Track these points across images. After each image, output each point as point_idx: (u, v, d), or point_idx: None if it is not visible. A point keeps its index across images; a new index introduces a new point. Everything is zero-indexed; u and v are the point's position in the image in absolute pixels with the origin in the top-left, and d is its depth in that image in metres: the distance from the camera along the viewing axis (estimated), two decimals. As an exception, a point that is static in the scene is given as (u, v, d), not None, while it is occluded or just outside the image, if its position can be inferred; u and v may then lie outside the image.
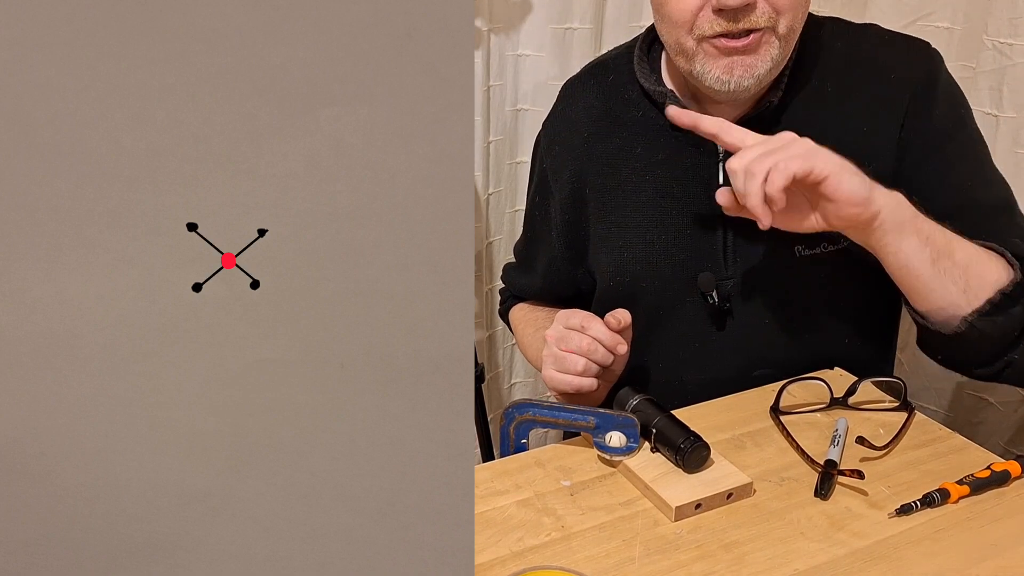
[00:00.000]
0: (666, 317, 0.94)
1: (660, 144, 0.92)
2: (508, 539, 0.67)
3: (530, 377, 1.80)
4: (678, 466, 0.72)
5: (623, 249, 0.94)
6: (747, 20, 0.78)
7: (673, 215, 0.92)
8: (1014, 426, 1.31)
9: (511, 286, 1.17)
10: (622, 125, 0.95)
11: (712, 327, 0.92)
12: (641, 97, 0.94)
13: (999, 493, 0.72)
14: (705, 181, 0.90)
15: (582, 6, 1.45)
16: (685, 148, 0.91)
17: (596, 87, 0.98)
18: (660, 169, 0.92)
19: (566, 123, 1.00)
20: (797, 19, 0.80)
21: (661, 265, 0.92)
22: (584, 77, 1.02)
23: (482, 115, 1.48)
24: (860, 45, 0.90)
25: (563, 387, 0.85)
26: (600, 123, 0.96)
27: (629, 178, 0.94)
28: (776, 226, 0.77)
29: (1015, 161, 1.20)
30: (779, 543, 0.66)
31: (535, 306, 1.13)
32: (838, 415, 0.83)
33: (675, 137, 0.91)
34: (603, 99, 0.97)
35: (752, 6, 0.78)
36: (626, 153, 0.94)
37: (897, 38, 0.91)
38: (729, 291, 0.90)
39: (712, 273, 0.90)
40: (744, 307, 0.91)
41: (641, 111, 0.94)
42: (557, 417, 0.77)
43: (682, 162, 0.91)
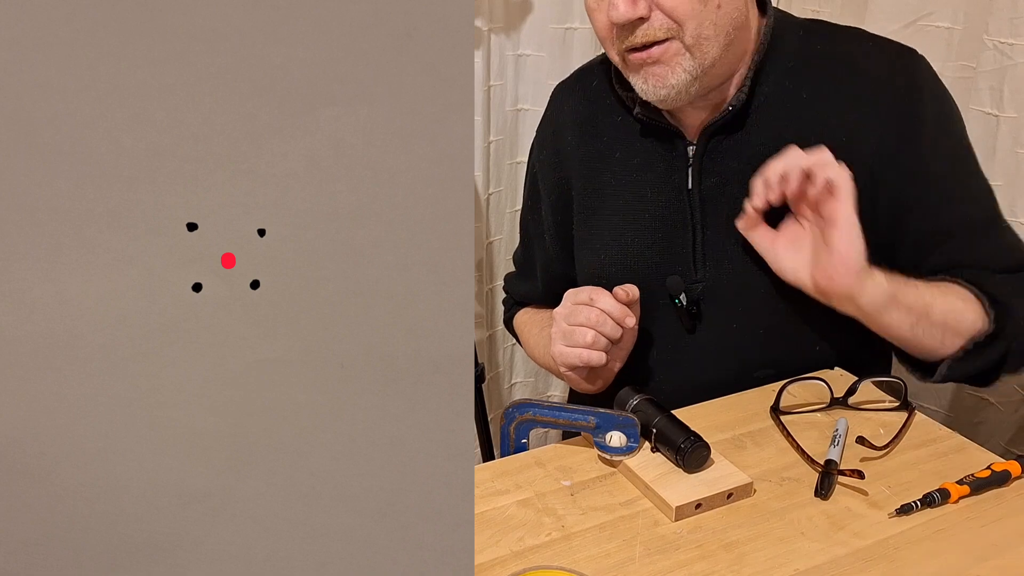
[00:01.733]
0: (642, 320, 0.94)
1: (636, 148, 0.93)
2: (508, 539, 0.67)
3: (530, 377, 1.80)
4: (678, 466, 0.72)
5: (600, 251, 0.96)
6: (643, 32, 0.79)
7: (646, 218, 0.92)
8: (1014, 426, 1.31)
9: (513, 294, 1.17)
10: (603, 129, 0.96)
11: (682, 330, 0.92)
12: (618, 102, 0.95)
13: (999, 493, 0.72)
14: (677, 185, 0.90)
15: (582, 6, 1.45)
16: (659, 152, 0.92)
17: (581, 92, 1.00)
18: (636, 173, 0.93)
19: (554, 127, 1.02)
20: (704, 26, 0.79)
21: (635, 267, 0.93)
22: (571, 82, 1.04)
23: (482, 115, 1.48)
24: (839, 46, 0.89)
25: (573, 360, 0.85)
26: (584, 127, 0.98)
27: (608, 182, 0.95)
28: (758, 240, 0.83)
29: (1015, 161, 1.20)
30: (779, 543, 0.66)
31: (539, 308, 1.13)
32: (838, 415, 0.83)
33: (649, 142, 0.92)
34: (587, 104, 0.98)
35: (645, 19, 0.79)
36: (607, 157, 0.95)
37: (880, 41, 0.90)
38: (699, 294, 0.90)
39: (681, 276, 0.90)
40: (714, 311, 0.91)
41: (620, 116, 0.95)
42: (557, 417, 0.77)
43: (656, 166, 0.92)
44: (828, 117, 0.86)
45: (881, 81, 0.86)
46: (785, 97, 0.88)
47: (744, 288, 0.89)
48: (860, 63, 0.88)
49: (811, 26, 0.91)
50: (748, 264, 0.88)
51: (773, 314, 0.89)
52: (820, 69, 0.88)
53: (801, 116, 0.87)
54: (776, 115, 0.88)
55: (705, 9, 0.79)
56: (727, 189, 0.88)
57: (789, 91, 0.88)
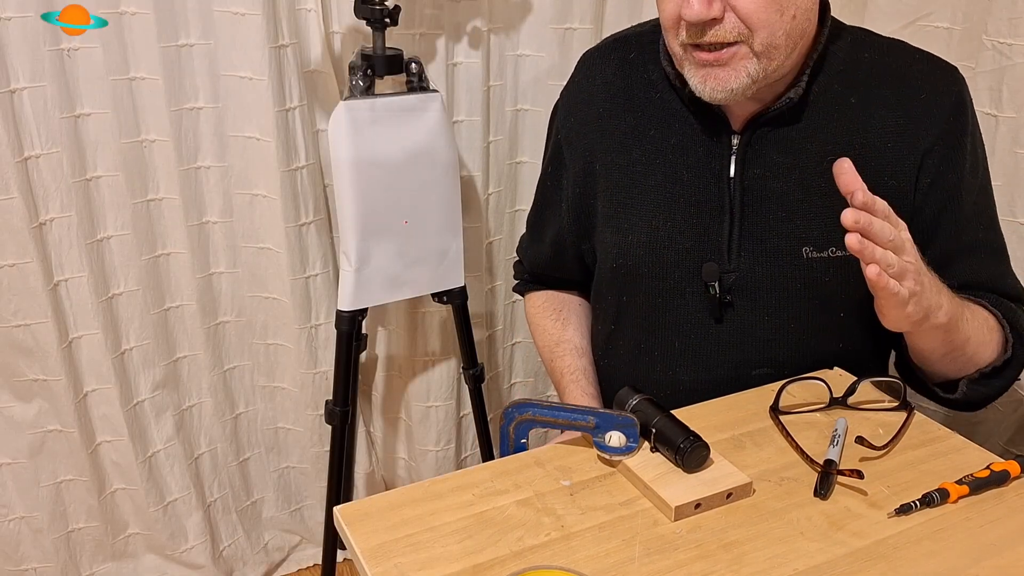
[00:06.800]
0: (665, 305, 0.94)
1: (674, 129, 0.92)
2: (508, 539, 0.67)
3: (530, 377, 1.80)
4: (678, 466, 0.72)
5: (628, 232, 0.94)
6: (713, 34, 0.79)
7: (681, 202, 0.91)
8: (1013, 426, 1.31)
9: (523, 256, 1.17)
10: (638, 105, 0.95)
11: (710, 319, 0.92)
12: (661, 79, 0.93)
13: (998, 493, 0.72)
14: (716, 172, 0.90)
15: (582, 6, 1.45)
16: (699, 136, 0.91)
17: (617, 63, 0.98)
18: (672, 154, 0.92)
19: (583, 95, 1.00)
20: (776, 36, 0.79)
21: (665, 252, 0.92)
22: (605, 50, 1.01)
23: (482, 115, 1.48)
24: (889, 59, 0.90)
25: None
26: (617, 100, 0.96)
27: (640, 160, 0.94)
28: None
29: (1015, 161, 1.20)
30: (779, 543, 0.66)
31: (551, 297, 1.13)
32: (838, 415, 0.83)
33: (690, 124, 0.91)
34: (622, 76, 0.97)
35: (718, 20, 0.78)
36: (639, 134, 0.94)
37: (926, 55, 0.91)
38: (731, 284, 0.90)
39: (716, 264, 0.90)
40: (744, 301, 0.91)
41: (659, 93, 0.93)
42: (556, 417, 0.77)
43: (695, 150, 0.91)
44: (875, 123, 0.88)
45: (930, 96, 0.88)
46: (834, 99, 0.89)
47: (779, 284, 0.89)
48: (908, 76, 0.89)
49: (858, 34, 0.92)
50: (785, 260, 0.88)
51: (804, 311, 0.90)
52: (869, 77, 0.89)
53: (849, 119, 0.88)
54: (825, 115, 0.88)
55: (780, 20, 0.79)
56: (770, 182, 0.89)
57: (839, 94, 0.89)
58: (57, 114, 1.24)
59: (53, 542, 1.48)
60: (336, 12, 1.36)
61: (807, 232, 0.88)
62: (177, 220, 1.39)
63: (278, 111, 1.32)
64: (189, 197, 1.38)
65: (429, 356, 1.64)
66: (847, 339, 0.93)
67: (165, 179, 1.36)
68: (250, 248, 1.46)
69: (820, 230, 0.88)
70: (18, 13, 1.17)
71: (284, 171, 1.36)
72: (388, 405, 1.71)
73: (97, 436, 1.46)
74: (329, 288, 1.51)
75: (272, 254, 1.45)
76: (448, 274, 1.38)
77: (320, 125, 1.42)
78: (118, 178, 1.32)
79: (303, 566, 1.75)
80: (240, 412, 1.60)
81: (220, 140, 1.37)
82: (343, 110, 1.21)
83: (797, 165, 0.88)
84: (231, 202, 1.42)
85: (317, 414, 1.58)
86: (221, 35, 1.29)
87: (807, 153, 0.88)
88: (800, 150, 0.88)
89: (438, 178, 1.31)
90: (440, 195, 1.32)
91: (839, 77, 0.89)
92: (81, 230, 1.31)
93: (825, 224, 0.87)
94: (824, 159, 0.87)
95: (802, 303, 0.90)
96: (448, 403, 1.67)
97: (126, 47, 1.26)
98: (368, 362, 1.66)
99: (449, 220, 1.35)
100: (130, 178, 1.33)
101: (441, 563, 0.64)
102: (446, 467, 1.73)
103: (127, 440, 1.45)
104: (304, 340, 1.51)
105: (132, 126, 1.31)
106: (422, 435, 1.69)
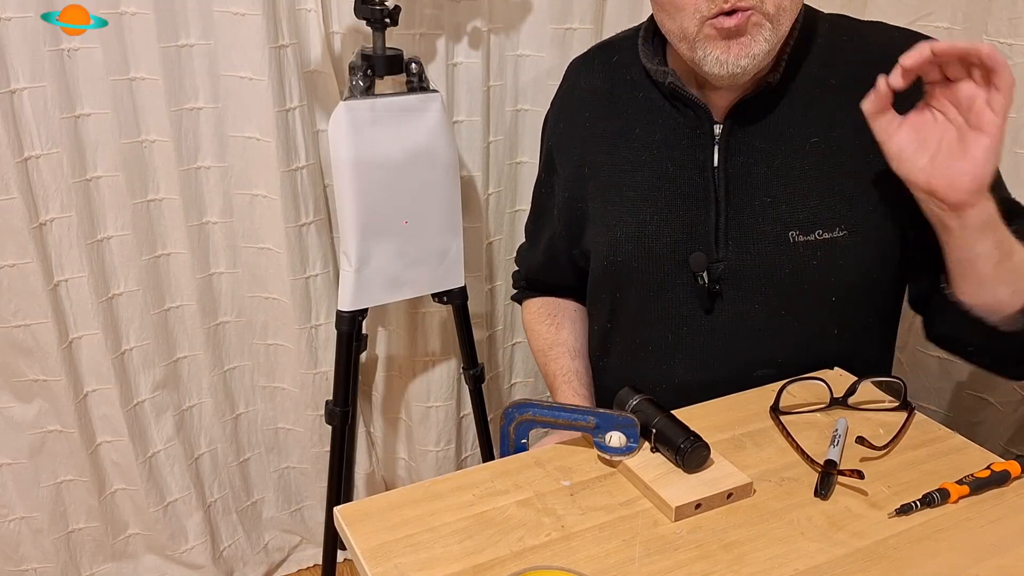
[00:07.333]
0: (657, 299, 0.94)
1: (658, 124, 0.93)
2: (508, 539, 0.67)
3: (530, 377, 1.80)
4: (678, 466, 0.72)
5: (617, 227, 0.95)
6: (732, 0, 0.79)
7: (667, 195, 0.92)
8: (1014, 426, 1.31)
9: (521, 264, 1.19)
10: (623, 106, 0.96)
11: (700, 310, 0.92)
12: (643, 78, 0.95)
13: (999, 493, 0.72)
14: (700, 162, 0.91)
15: (582, 6, 1.45)
16: (682, 129, 0.92)
17: (601, 67, 1.00)
18: (657, 149, 0.93)
19: (571, 102, 1.02)
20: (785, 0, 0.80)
21: (653, 244, 0.93)
22: (590, 57, 1.04)
23: (482, 115, 1.48)
24: (869, 40, 0.91)
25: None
26: (602, 103, 0.98)
27: (627, 158, 0.95)
28: (880, 126, 0.78)
29: (1015, 161, 1.20)
30: (779, 543, 0.66)
31: (545, 302, 1.14)
32: (838, 415, 0.83)
33: (671, 119, 0.92)
34: (607, 79, 0.99)
35: None
36: (626, 133, 0.95)
37: (905, 34, 0.91)
38: (720, 274, 0.90)
39: (704, 254, 0.90)
40: (733, 291, 0.91)
41: (642, 92, 0.95)
42: (557, 417, 0.77)
43: (679, 143, 0.92)
44: (855, 106, 0.86)
45: None
46: (814, 83, 0.89)
47: (767, 270, 0.89)
48: (888, 53, 0.87)
49: (836, 19, 0.93)
50: (772, 246, 0.88)
51: (795, 297, 0.90)
52: (849, 58, 0.89)
53: (830, 101, 0.88)
54: (806, 99, 0.89)
55: None
56: (754, 168, 0.89)
57: (818, 77, 0.89)
58: (57, 114, 1.24)
59: (53, 542, 1.48)
60: (336, 12, 1.36)
61: (792, 216, 0.88)
62: (177, 220, 1.39)
63: (278, 111, 1.32)
64: (189, 197, 1.38)
65: (429, 356, 1.64)
66: (843, 328, 0.92)
67: (165, 179, 1.36)
68: (250, 248, 1.46)
69: (805, 213, 0.88)
70: (18, 13, 1.17)
71: (284, 171, 1.37)
72: (388, 405, 1.71)
73: (97, 436, 1.46)
74: (329, 288, 1.51)
75: (272, 254, 1.45)
76: (448, 274, 1.39)
77: (320, 125, 1.42)
78: (118, 178, 1.32)
79: (303, 566, 1.75)
80: (240, 412, 1.60)
81: (220, 140, 1.37)
82: (343, 110, 1.21)
83: (780, 151, 0.88)
84: (231, 202, 1.42)
85: (317, 414, 1.58)
86: (221, 35, 1.29)
87: (789, 138, 0.88)
88: (782, 135, 0.88)
89: (438, 178, 1.31)
90: (440, 195, 1.32)
91: (818, 60, 0.89)
92: (81, 230, 1.31)
93: (810, 207, 0.87)
94: (807, 142, 0.88)
95: (792, 289, 0.89)
96: (448, 403, 1.67)
97: (126, 47, 1.26)
98: (368, 362, 1.66)
99: (449, 220, 1.35)
100: (130, 178, 1.33)
101: (441, 563, 0.64)
102: (446, 467, 1.73)
103: (127, 440, 1.46)
104: (304, 340, 1.52)
105: (132, 126, 1.31)
106: (422, 435, 1.69)
